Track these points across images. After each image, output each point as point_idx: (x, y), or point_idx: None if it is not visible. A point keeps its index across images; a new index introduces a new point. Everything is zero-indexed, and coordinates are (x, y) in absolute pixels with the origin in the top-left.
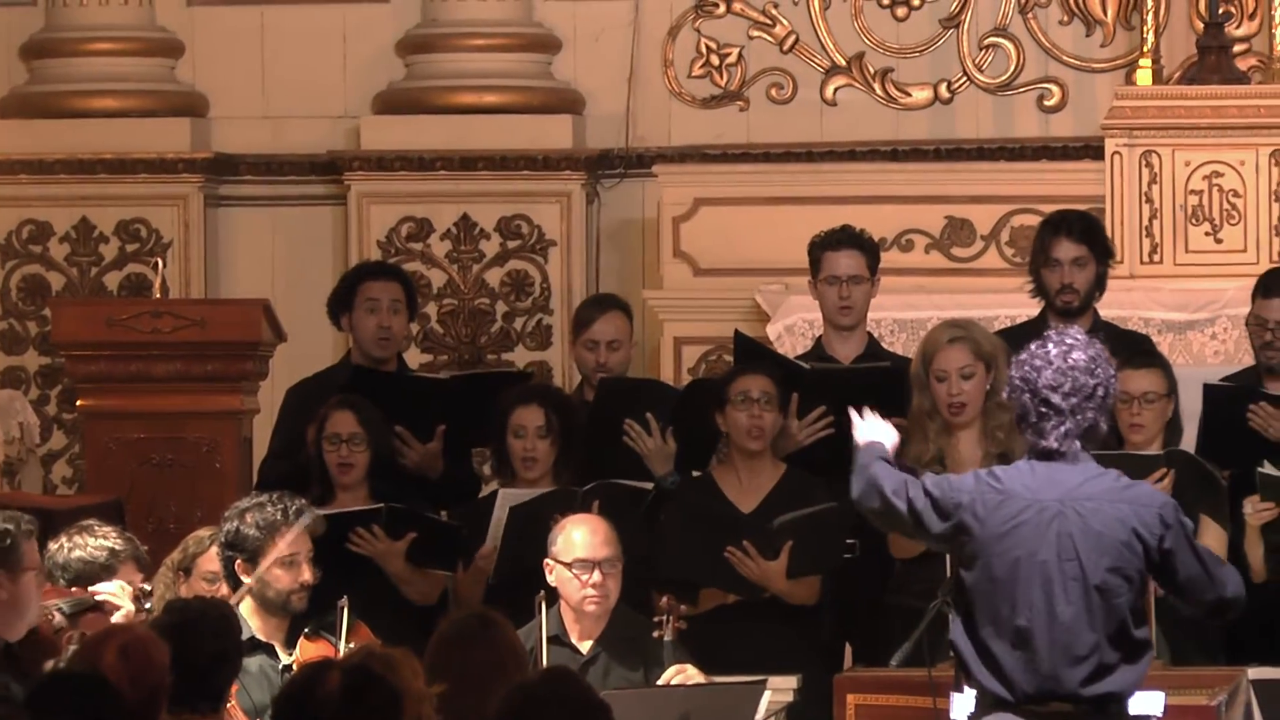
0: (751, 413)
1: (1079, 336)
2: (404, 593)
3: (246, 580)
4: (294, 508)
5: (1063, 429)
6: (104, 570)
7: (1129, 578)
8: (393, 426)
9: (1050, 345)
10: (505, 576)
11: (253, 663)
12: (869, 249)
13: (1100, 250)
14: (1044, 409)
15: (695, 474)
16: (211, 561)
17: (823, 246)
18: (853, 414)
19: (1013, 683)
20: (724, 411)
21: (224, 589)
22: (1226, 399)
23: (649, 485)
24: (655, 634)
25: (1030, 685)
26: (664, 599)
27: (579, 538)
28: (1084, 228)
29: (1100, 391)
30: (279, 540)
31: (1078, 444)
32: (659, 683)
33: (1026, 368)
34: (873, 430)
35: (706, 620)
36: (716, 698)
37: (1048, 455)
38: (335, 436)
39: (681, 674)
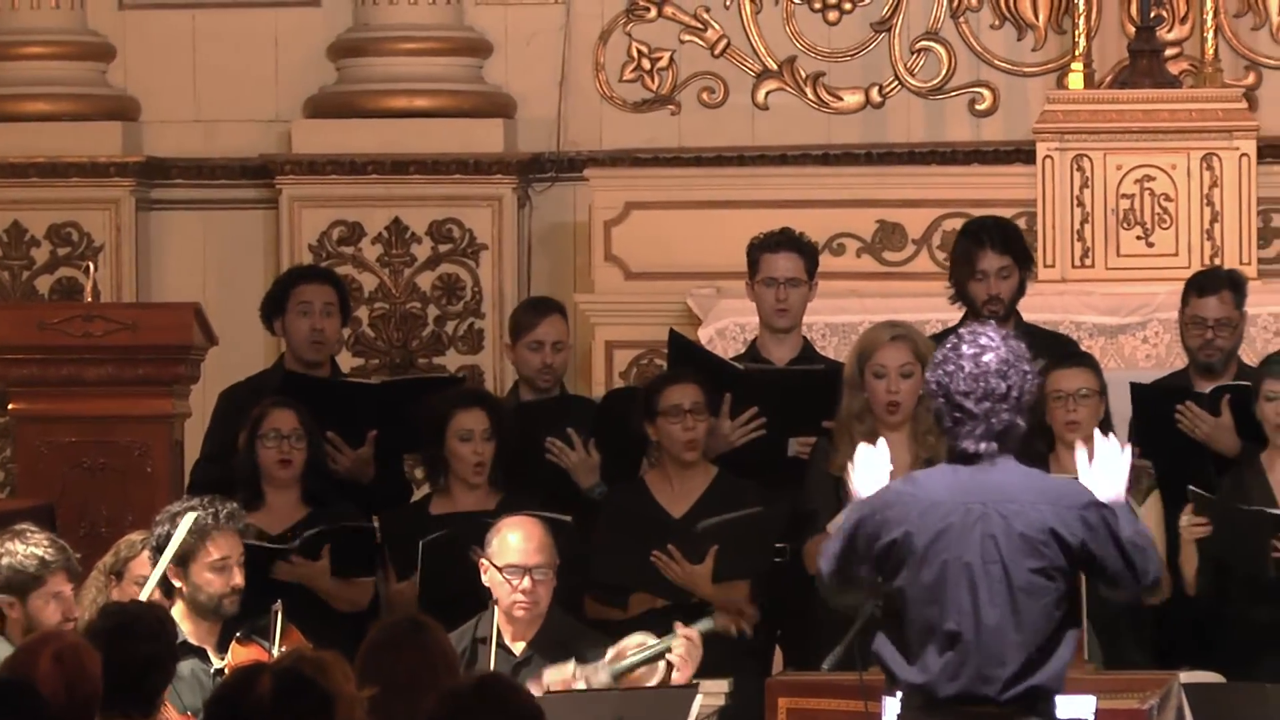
0: (685, 424)
1: (992, 336)
2: (333, 605)
3: (178, 584)
4: (225, 511)
5: (978, 432)
6: (34, 580)
7: (1053, 577)
8: (324, 432)
9: (964, 346)
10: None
11: (185, 667)
12: (808, 252)
13: (1023, 258)
14: (958, 414)
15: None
16: (143, 565)
17: (761, 248)
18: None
19: (940, 684)
20: (655, 423)
21: (157, 593)
22: (1155, 398)
23: (567, 518)
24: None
25: (957, 686)
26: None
27: (513, 542)
28: (1005, 238)
29: (1014, 393)
30: (209, 544)
31: (995, 445)
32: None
33: (940, 371)
34: (864, 470)
35: (636, 625)
36: (648, 702)
37: (967, 460)
38: (275, 433)
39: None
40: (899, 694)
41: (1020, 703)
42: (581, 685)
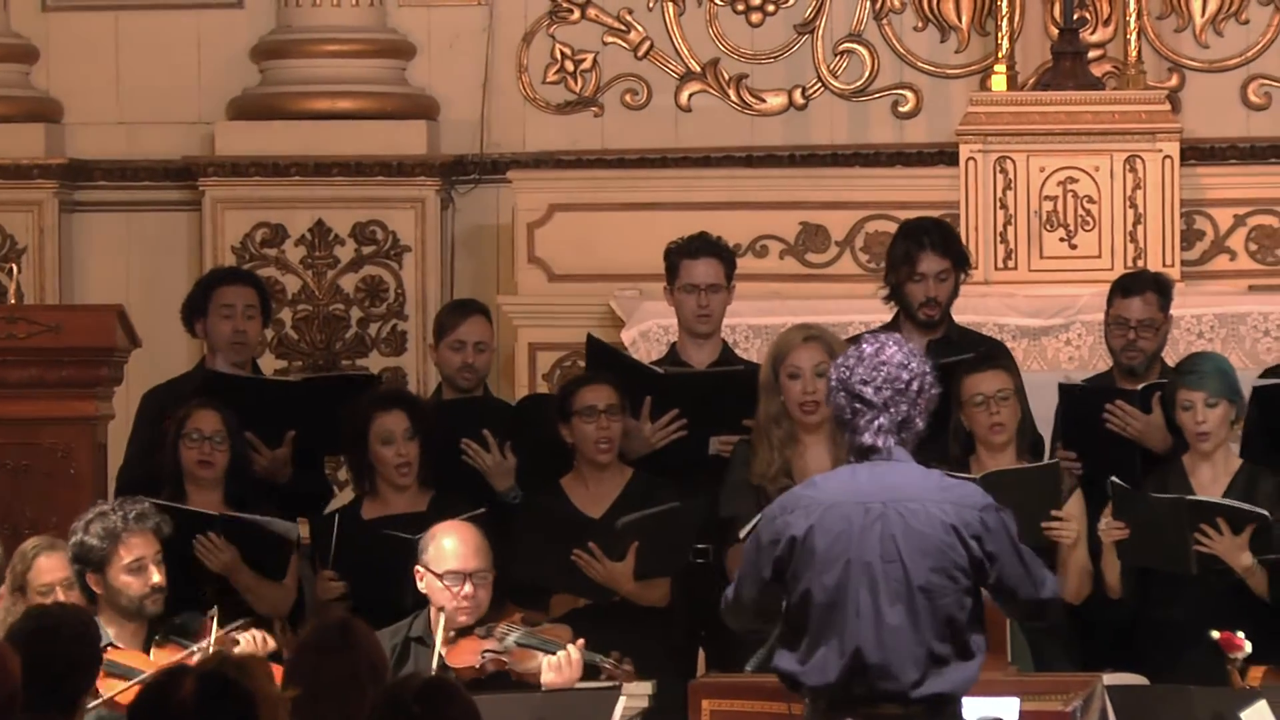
0: (599, 424)
1: (894, 337)
2: (252, 605)
3: (98, 591)
4: (133, 512)
5: (877, 423)
6: None
7: (954, 577)
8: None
9: (864, 345)
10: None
11: None
12: (726, 257)
13: (960, 260)
14: (858, 404)
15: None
16: (42, 574)
17: (680, 254)
18: None
19: (845, 686)
20: (570, 424)
21: (79, 596)
22: (1082, 398)
23: (481, 510)
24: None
25: (861, 687)
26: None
27: (450, 548)
28: (946, 241)
29: (915, 386)
30: (121, 548)
31: (894, 440)
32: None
33: (841, 368)
34: None
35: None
36: (571, 703)
37: (866, 453)
38: (197, 433)
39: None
40: (805, 699)
41: (926, 705)
42: (492, 643)
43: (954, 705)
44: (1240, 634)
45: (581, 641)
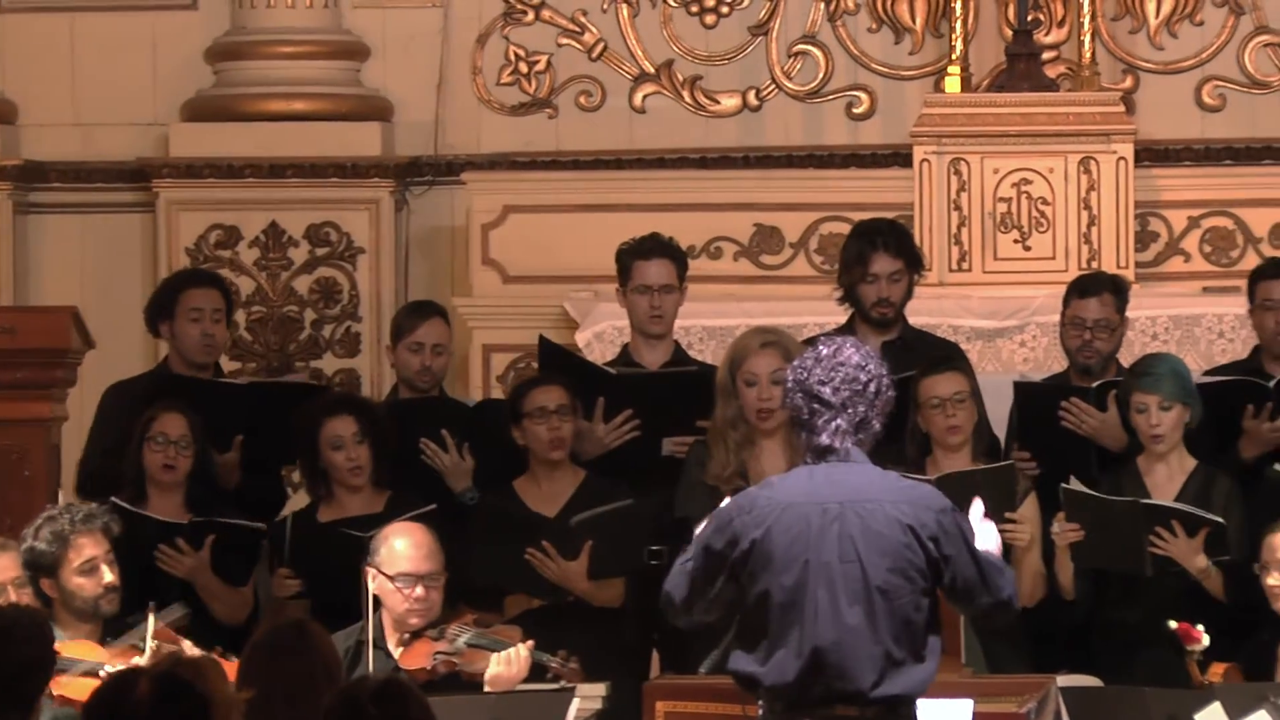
0: (550, 424)
1: (851, 340)
2: (212, 610)
3: (53, 595)
4: (80, 514)
5: (835, 424)
6: None
7: (911, 578)
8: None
9: (822, 347)
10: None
11: None
12: (678, 257)
13: (913, 261)
14: (816, 405)
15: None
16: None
17: (632, 255)
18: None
19: (802, 686)
20: (521, 426)
21: (30, 597)
22: (1038, 397)
23: (431, 507)
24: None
25: (819, 687)
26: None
27: (402, 550)
28: (899, 241)
29: (872, 388)
30: (71, 550)
31: (851, 441)
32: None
33: (799, 369)
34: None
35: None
36: (525, 704)
37: (823, 454)
38: (163, 437)
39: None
40: (760, 700)
41: (882, 706)
42: (444, 645)
43: (910, 707)
44: (1199, 626)
45: (530, 643)
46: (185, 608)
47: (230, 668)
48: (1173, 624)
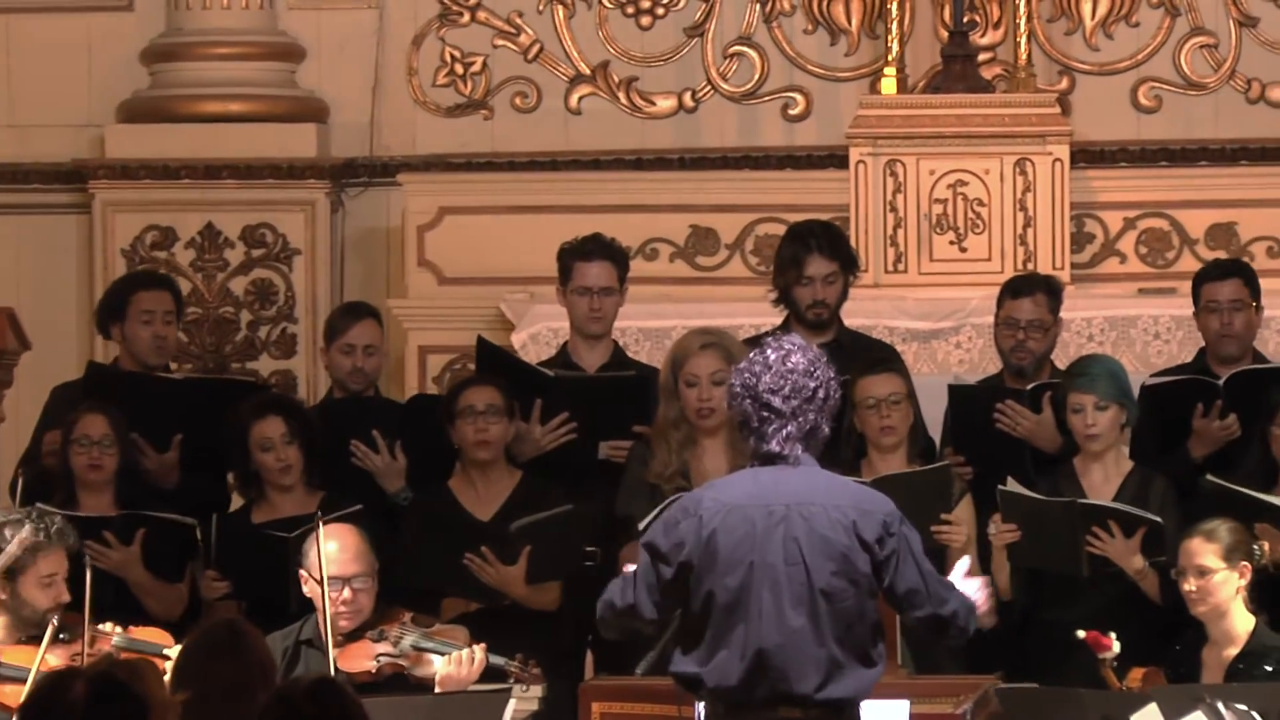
0: (477, 425)
1: (796, 342)
2: (146, 606)
3: (3, 596)
4: (54, 528)
5: (784, 432)
6: None
7: (855, 581)
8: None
9: (769, 351)
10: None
11: None
12: (619, 259)
13: (848, 263)
14: (765, 413)
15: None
16: None
17: (573, 255)
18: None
19: (746, 688)
20: (453, 425)
21: None
22: (973, 399)
23: (358, 507)
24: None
25: (762, 689)
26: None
27: (330, 553)
28: (833, 243)
29: (821, 394)
30: (40, 561)
31: (800, 447)
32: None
33: (746, 374)
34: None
35: None
36: (461, 705)
37: (771, 459)
38: (85, 439)
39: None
40: (702, 702)
41: (826, 709)
42: (385, 647)
43: (853, 710)
44: (1111, 634)
45: (484, 646)
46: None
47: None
48: (1081, 633)
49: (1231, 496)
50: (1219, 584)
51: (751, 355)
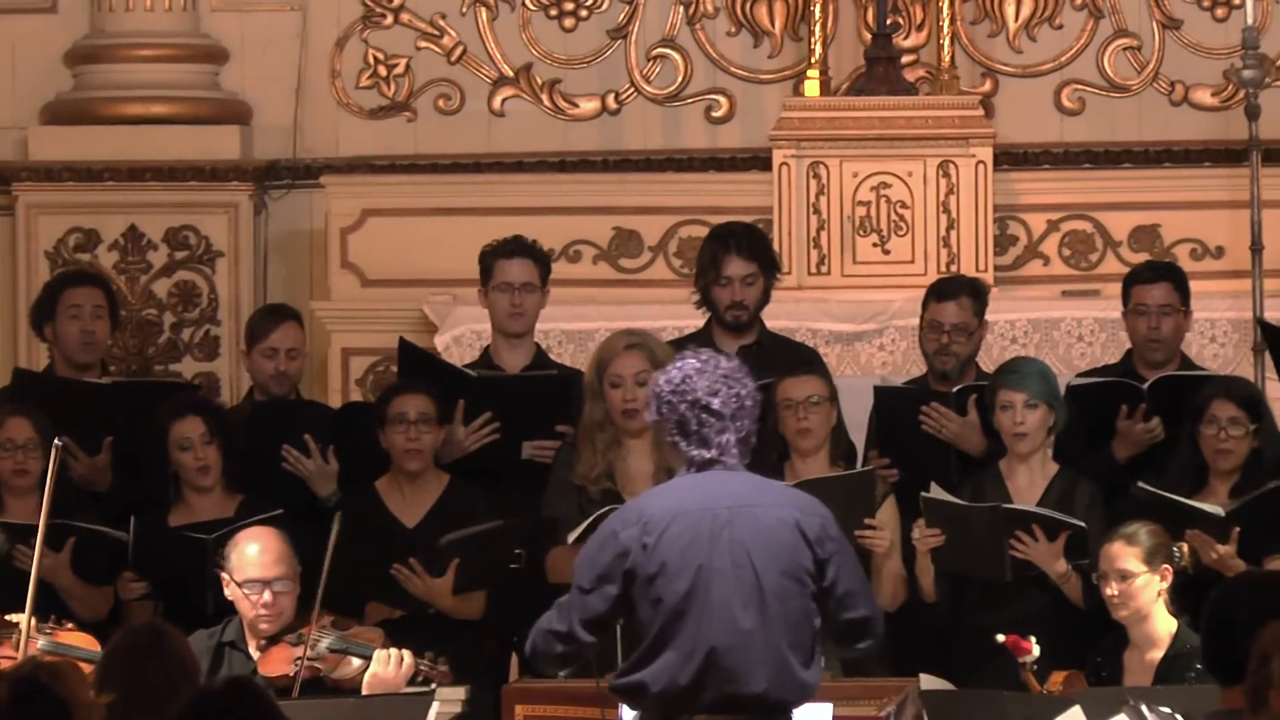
0: (409, 435)
1: (721, 355)
2: (71, 608)
3: None
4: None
5: (724, 437)
6: None
7: (801, 580)
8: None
9: (693, 359)
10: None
11: None
12: (541, 258)
13: (768, 265)
14: (705, 415)
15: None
16: None
17: (495, 254)
18: None
19: (695, 689)
20: (384, 430)
21: None
22: (898, 401)
23: (279, 511)
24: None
25: (712, 691)
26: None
27: (251, 556)
28: (753, 244)
29: (749, 401)
30: None
31: (736, 454)
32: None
33: (676, 380)
34: None
35: None
36: (385, 708)
37: (708, 464)
38: (9, 443)
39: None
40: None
41: (771, 711)
42: (304, 650)
43: (788, 714)
44: (1031, 638)
45: (409, 652)
46: None
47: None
48: (1001, 637)
49: (1164, 503)
50: (1140, 588)
51: (677, 363)
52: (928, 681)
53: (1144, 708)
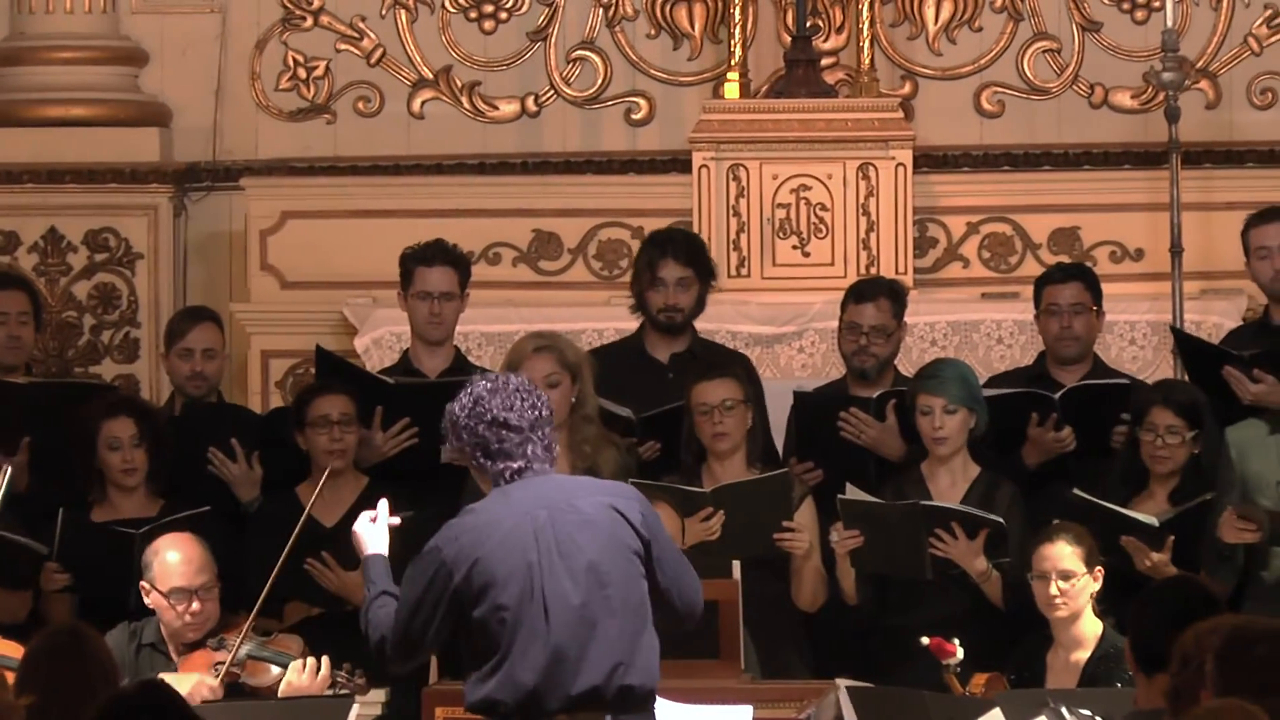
0: (332, 435)
1: (506, 375)
2: None
3: None
4: None
5: (529, 448)
6: None
7: (630, 560)
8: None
9: (482, 383)
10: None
11: None
12: (461, 265)
13: (704, 271)
14: (504, 431)
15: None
16: None
17: (415, 260)
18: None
19: (544, 696)
20: (304, 432)
21: None
22: (817, 406)
23: (204, 510)
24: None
25: (558, 695)
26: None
27: (173, 565)
28: (690, 250)
29: (545, 411)
30: None
31: (545, 459)
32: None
33: (469, 405)
34: (369, 537)
35: (293, 633)
36: (305, 712)
37: (518, 474)
38: None
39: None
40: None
41: (622, 702)
42: (224, 655)
43: (648, 702)
44: (955, 640)
45: (326, 658)
46: None
47: None
48: (925, 639)
49: (1099, 511)
50: (1080, 589)
51: (465, 390)
52: (847, 683)
53: (1064, 710)
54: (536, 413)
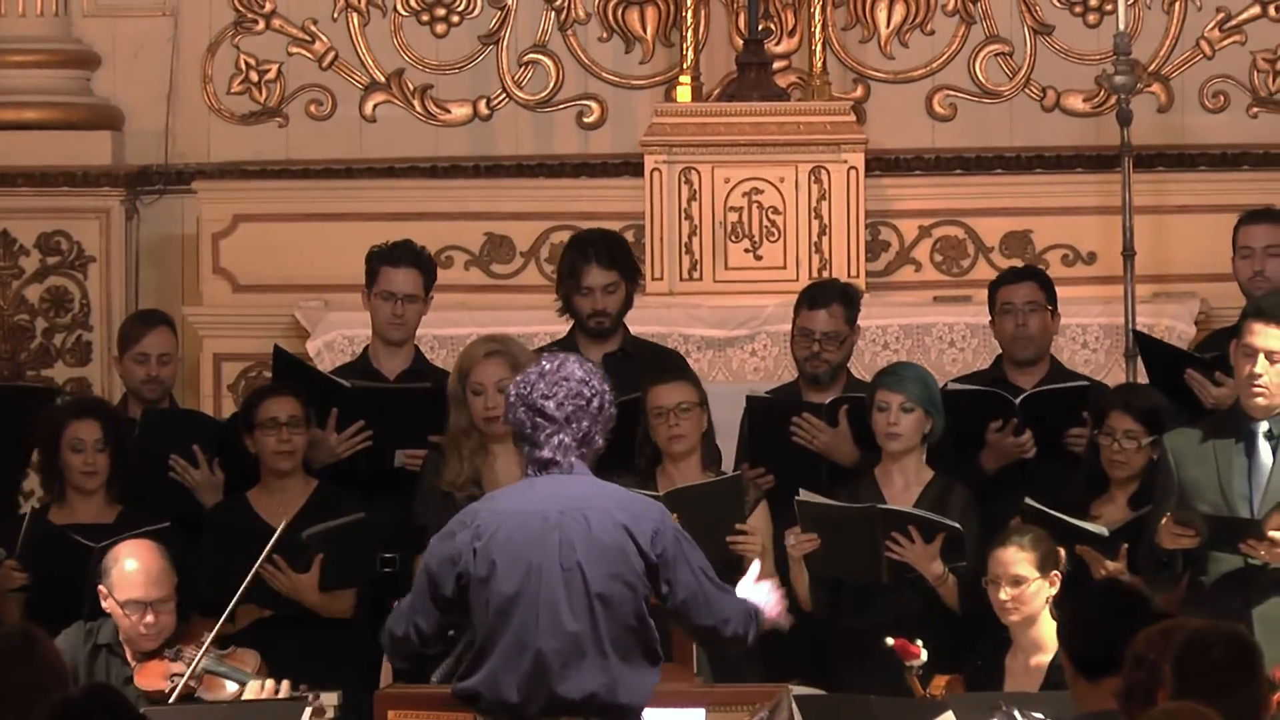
0: (280, 436)
1: (575, 356)
2: None
3: None
4: None
5: (557, 439)
6: None
7: (630, 584)
8: None
9: (545, 363)
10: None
11: None
12: (427, 268)
13: (629, 272)
14: (539, 419)
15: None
16: None
17: (381, 260)
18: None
19: (525, 698)
20: (252, 435)
21: None
22: (770, 411)
23: (166, 524)
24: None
25: (540, 699)
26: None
27: (131, 575)
28: (611, 254)
29: (595, 404)
30: None
31: (574, 455)
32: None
33: (521, 384)
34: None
35: (244, 637)
36: (257, 713)
37: (545, 466)
38: None
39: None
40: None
41: (605, 715)
42: (179, 668)
43: (634, 716)
44: (919, 642)
45: (287, 682)
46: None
47: None
48: (890, 640)
49: (1051, 521)
50: (1034, 593)
51: (529, 369)
52: (800, 687)
53: (1016, 713)
54: (576, 404)
